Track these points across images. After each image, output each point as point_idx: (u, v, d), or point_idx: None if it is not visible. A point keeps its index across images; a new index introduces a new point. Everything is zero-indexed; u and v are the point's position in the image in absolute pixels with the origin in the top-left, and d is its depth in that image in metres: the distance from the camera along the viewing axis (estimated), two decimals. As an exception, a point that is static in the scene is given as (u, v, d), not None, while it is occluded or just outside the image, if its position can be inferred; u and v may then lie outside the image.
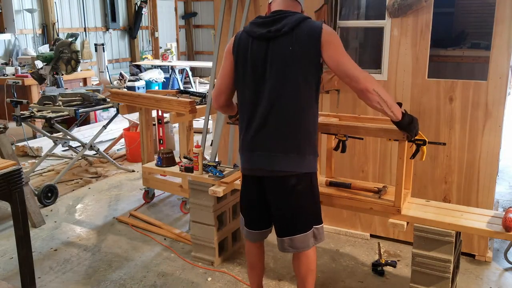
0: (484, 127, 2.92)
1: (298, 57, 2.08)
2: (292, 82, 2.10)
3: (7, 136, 3.57)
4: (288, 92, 2.10)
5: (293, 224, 2.25)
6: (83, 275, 3.02)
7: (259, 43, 2.13)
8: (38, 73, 5.04)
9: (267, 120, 2.14)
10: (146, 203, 4.18)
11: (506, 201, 4.20)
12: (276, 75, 2.11)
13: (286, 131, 2.13)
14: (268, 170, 2.18)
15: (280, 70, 2.10)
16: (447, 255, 2.29)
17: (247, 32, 2.19)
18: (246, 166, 2.29)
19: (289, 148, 2.14)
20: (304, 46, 2.07)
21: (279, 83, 2.11)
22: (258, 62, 2.14)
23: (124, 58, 10.74)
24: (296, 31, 2.07)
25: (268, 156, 2.16)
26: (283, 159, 2.14)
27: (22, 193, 2.33)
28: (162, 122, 4.48)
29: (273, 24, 2.11)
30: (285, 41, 2.08)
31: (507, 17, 2.73)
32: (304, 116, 2.14)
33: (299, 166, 2.16)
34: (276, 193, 2.24)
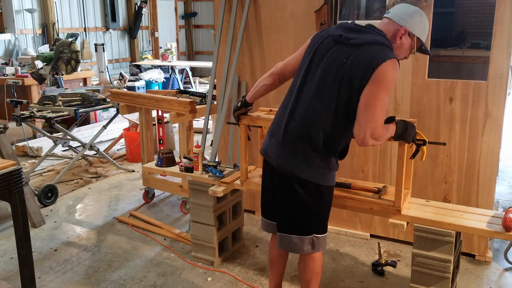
0: (484, 127, 2.92)
1: (345, 72, 2.01)
2: (329, 91, 2.05)
3: (7, 136, 3.57)
4: (322, 97, 2.07)
5: (290, 223, 2.24)
6: (83, 275, 3.02)
7: (328, 41, 2.12)
8: (38, 73, 5.04)
9: (294, 113, 2.13)
10: (146, 203, 4.18)
11: (506, 201, 4.20)
12: (321, 77, 2.08)
13: (303, 133, 2.10)
14: (277, 163, 2.19)
15: (326, 74, 2.07)
16: (447, 255, 2.29)
17: (329, 28, 2.19)
18: (263, 147, 2.30)
19: (299, 150, 2.11)
20: (356, 66, 1.99)
21: (319, 85, 2.08)
22: (317, 57, 2.12)
23: (124, 58, 10.74)
24: (361, 49, 2.00)
25: (280, 149, 2.16)
26: (292, 158, 2.13)
27: (22, 193, 2.33)
28: (162, 122, 4.48)
29: (351, 32, 2.08)
30: (345, 51, 2.03)
31: (507, 17, 2.73)
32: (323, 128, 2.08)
33: (304, 172, 2.13)
34: (281, 186, 2.23)
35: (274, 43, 3.51)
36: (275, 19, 3.47)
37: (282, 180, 2.21)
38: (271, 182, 2.31)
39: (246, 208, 3.68)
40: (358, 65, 1.98)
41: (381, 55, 1.97)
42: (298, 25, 3.37)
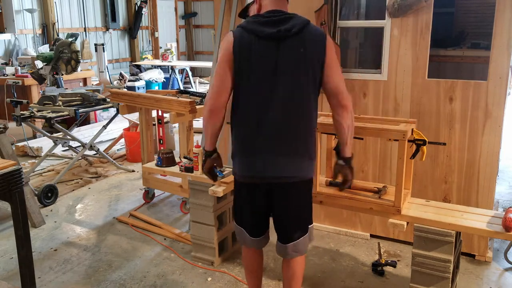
0: (484, 127, 2.92)
1: (308, 59, 2.07)
2: (303, 85, 2.08)
3: (7, 136, 3.57)
4: (300, 94, 2.09)
5: (295, 230, 2.22)
6: (83, 275, 3.02)
7: (267, 43, 2.05)
8: (38, 73, 5.04)
9: (280, 124, 2.08)
10: (146, 203, 4.18)
11: (506, 201, 4.20)
12: (289, 77, 2.07)
13: (298, 136, 2.11)
14: (275, 176, 2.11)
15: (291, 71, 2.07)
16: (447, 255, 2.29)
17: (249, 31, 2.07)
18: (246, 173, 2.17)
19: (300, 154, 2.12)
20: (313, 49, 2.07)
21: (291, 85, 2.07)
22: (267, 63, 2.06)
23: (124, 58, 10.74)
24: (304, 33, 2.07)
25: (272, 161, 2.09)
26: (293, 164, 2.11)
27: (22, 193, 2.33)
28: (162, 122, 4.48)
29: (281, 24, 2.06)
30: (295, 42, 2.06)
31: (507, 17, 2.73)
32: (312, 120, 2.15)
33: (308, 172, 2.15)
34: (281, 199, 2.19)
35: (274, 43, 3.50)
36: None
37: (282, 191, 2.16)
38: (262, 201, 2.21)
39: (246, 208, 3.68)
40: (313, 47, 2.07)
41: (318, 29, 2.16)
42: (298, 25, 3.37)
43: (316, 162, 2.22)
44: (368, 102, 3.22)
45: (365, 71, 3.28)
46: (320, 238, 3.44)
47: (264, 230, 2.34)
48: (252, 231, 2.31)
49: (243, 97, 2.13)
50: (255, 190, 2.21)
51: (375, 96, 3.19)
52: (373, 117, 2.70)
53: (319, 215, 3.55)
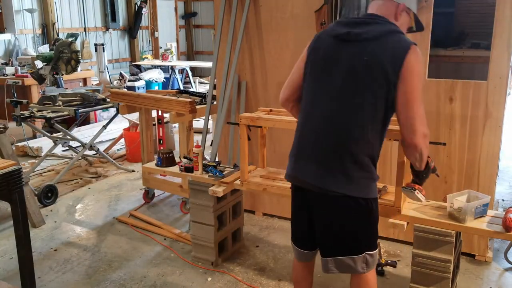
0: (484, 127, 2.92)
1: (370, 70, 1.85)
2: (357, 96, 1.88)
3: (7, 136, 3.57)
4: (350, 105, 1.89)
5: (338, 245, 2.03)
6: (83, 275, 3.02)
7: (334, 43, 1.94)
8: (38, 73, 5.04)
9: (321, 129, 1.94)
10: (146, 203, 4.18)
11: (506, 201, 4.20)
12: (343, 83, 1.90)
13: (338, 147, 1.91)
14: (313, 184, 1.96)
15: (348, 78, 1.89)
16: (447, 255, 2.29)
17: (327, 30, 2.00)
18: (290, 173, 2.08)
19: (337, 166, 1.91)
20: (381, 60, 1.84)
21: (342, 92, 1.90)
22: (327, 63, 1.95)
23: (124, 58, 10.74)
24: (379, 41, 1.86)
25: (314, 169, 1.95)
26: (329, 176, 1.92)
27: (22, 193, 2.33)
28: (162, 122, 4.48)
29: (357, 27, 1.91)
30: (362, 49, 1.87)
31: (507, 17, 2.73)
32: (358, 136, 1.90)
33: (347, 188, 1.91)
34: (320, 210, 2.02)
35: (274, 43, 3.51)
36: (275, 19, 3.47)
37: (322, 202, 1.99)
38: (305, 209, 2.09)
39: (246, 208, 3.69)
40: (384, 62, 1.84)
41: (403, 44, 1.86)
42: (298, 25, 3.37)
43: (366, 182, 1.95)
44: (368, 102, 3.21)
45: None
46: (320, 238, 3.44)
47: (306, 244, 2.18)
48: (298, 241, 2.21)
49: (304, 94, 2.06)
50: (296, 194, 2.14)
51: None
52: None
53: (319, 215, 3.55)
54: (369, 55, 1.86)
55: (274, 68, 3.55)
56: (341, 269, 2.05)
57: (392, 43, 1.87)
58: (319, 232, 2.08)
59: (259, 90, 3.65)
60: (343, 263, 2.03)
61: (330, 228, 2.02)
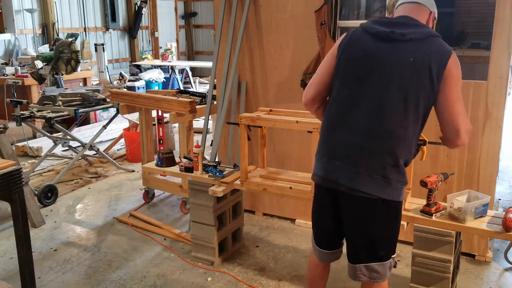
0: (484, 127, 2.92)
1: (416, 71, 1.82)
2: (400, 95, 1.83)
3: (7, 136, 3.57)
4: (393, 105, 1.84)
5: (369, 251, 1.98)
6: (83, 275, 3.02)
7: (375, 40, 1.89)
8: (38, 73, 5.04)
9: (358, 129, 1.88)
10: (146, 203, 4.18)
11: (506, 201, 4.20)
12: (385, 82, 1.85)
13: (377, 148, 1.86)
14: (346, 186, 1.90)
15: (392, 77, 1.84)
16: (447, 255, 2.29)
17: (364, 28, 1.95)
18: (320, 173, 2.00)
19: (375, 169, 1.86)
20: (425, 61, 1.82)
21: (385, 91, 1.85)
22: (367, 61, 1.89)
23: (124, 58, 10.74)
24: (424, 44, 1.85)
25: (349, 170, 1.88)
26: (366, 179, 1.86)
27: (22, 193, 2.33)
28: (162, 122, 4.48)
29: (399, 27, 1.88)
30: (407, 49, 1.84)
31: (507, 17, 2.73)
32: (401, 138, 1.86)
33: (384, 192, 1.87)
34: (353, 214, 1.96)
35: (274, 43, 3.51)
36: (275, 19, 3.47)
37: (355, 205, 1.93)
38: (331, 210, 2.04)
39: (246, 208, 3.69)
40: (429, 63, 1.82)
41: (446, 48, 1.86)
42: (298, 25, 3.37)
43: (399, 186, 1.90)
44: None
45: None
46: (320, 238, 3.44)
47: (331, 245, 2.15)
48: (322, 242, 2.16)
49: (335, 94, 1.99)
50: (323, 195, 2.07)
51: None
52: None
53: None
54: (415, 56, 1.83)
55: (274, 68, 3.55)
56: (371, 277, 2.00)
57: (437, 46, 1.86)
58: (349, 236, 2.03)
59: (259, 90, 3.65)
60: (373, 270, 1.98)
61: (363, 232, 1.97)
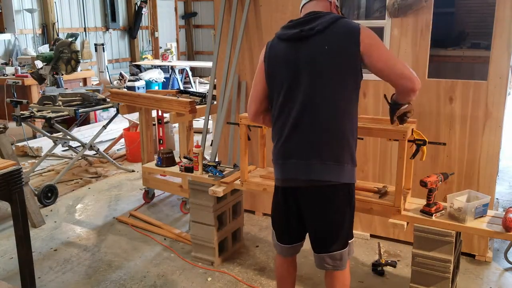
0: (484, 127, 2.92)
1: (334, 56, 1.95)
2: (327, 83, 1.96)
3: (7, 136, 3.57)
4: (323, 93, 1.96)
5: (331, 240, 2.08)
6: (83, 275, 3.02)
7: (290, 44, 2.02)
8: (38, 73, 5.04)
9: (300, 125, 2.00)
10: (146, 203, 4.18)
11: (506, 201, 4.20)
12: (310, 76, 1.97)
13: (321, 137, 1.98)
14: (304, 180, 2.01)
15: (314, 70, 1.97)
16: (447, 255, 2.29)
17: (278, 36, 2.09)
18: (279, 177, 2.12)
19: (326, 156, 1.97)
20: (341, 44, 1.94)
21: (313, 84, 1.97)
22: (290, 64, 2.01)
23: (124, 58, 10.74)
24: (331, 29, 1.95)
25: (303, 164, 2.00)
26: (320, 167, 1.97)
27: (22, 193, 2.33)
28: (162, 122, 4.48)
29: (306, 24, 2.00)
30: (319, 40, 1.95)
31: (507, 17, 2.73)
32: (341, 120, 1.98)
33: (338, 176, 1.98)
34: (312, 205, 2.07)
35: (274, 43, 3.50)
36: (275, 19, 3.46)
37: (312, 198, 2.05)
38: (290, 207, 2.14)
39: (246, 208, 3.69)
40: (341, 42, 1.94)
41: (352, 24, 1.99)
42: (298, 25, 3.37)
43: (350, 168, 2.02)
44: (368, 102, 3.22)
45: (365, 71, 3.27)
46: (320, 238, 3.44)
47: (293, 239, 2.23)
48: (282, 237, 2.25)
49: (275, 103, 2.10)
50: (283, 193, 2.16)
51: (375, 96, 3.19)
52: (374, 117, 2.69)
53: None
54: (328, 43, 1.95)
55: (274, 68, 3.54)
56: (335, 265, 2.11)
57: (343, 27, 1.97)
58: (311, 228, 2.13)
59: (259, 90, 3.64)
60: (337, 258, 2.10)
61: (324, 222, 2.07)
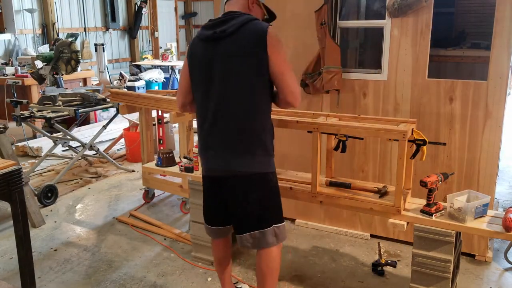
0: (484, 127, 2.92)
1: (242, 57, 2.10)
2: (237, 82, 2.13)
3: (7, 136, 3.57)
4: (233, 92, 2.14)
5: (248, 221, 2.27)
6: (83, 275, 3.02)
7: (206, 45, 2.18)
8: (38, 73, 5.04)
9: (216, 121, 2.18)
10: (146, 203, 4.18)
11: (506, 201, 4.20)
12: (222, 76, 2.14)
13: (233, 132, 2.16)
14: (221, 169, 2.23)
15: (224, 70, 2.13)
16: (447, 255, 2.29)
17: (197, 36, 2.24)
18: (203, 166, 2.36)
19: (237, 148, 2.17)
20: (249, 46, 2.09)
21: (224, 84, 2.14)
22: (205, 64, 2.18)
23: (124, 58, 10.74)
24: (241, 31, 2.10)
25: (219, 155, 2.21)
26: (233, 158, 2.19)
27: (22, 193, 2.33)
28: (162, 122, 4.48)
29: (220, 26, 2.14)
30: (229, 42, 2.11)
31: (507, 17, 2.73)
32: (251, 116, 2.16)
33: (249, 166, 2.19)
34: (229, 192, 2.27)
35: (274, 43, 3.50)
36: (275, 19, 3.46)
37: (231, 184, 2.25)
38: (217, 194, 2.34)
39: (246, 208, 3.68)
40: (249, 44, 2.09)
41: (260, 25, 2.13)
42: (298, 25, 3.37)
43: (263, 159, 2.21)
44: (368, 102, 3.22)
45: (365, 71, 3.29)
46: (320, 238, 3.44)
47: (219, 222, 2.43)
48: (209, 221, 2.46)
49: (196, 98, 2.30)
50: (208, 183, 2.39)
51: (375, 96, 3.19)
52: (374, 117, 2.70)
53: (319, 215, 3.55)
54: (235, 45, 2.11)
55: (274, 68, 3.54)
56: (254, 244, 2.29)
57: (252, 29, 2.11)
58: (231, 212, 2.32)
59: (259, 90, 3.64)
60: (255, 237, 2.27)
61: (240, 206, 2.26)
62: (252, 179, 2.22)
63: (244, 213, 2.27)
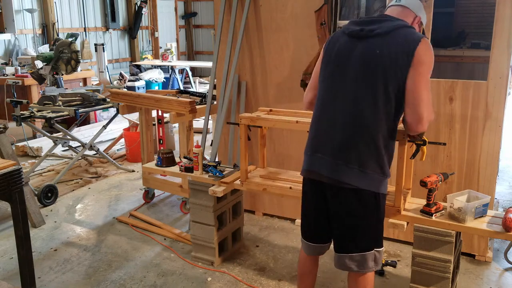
0: (484, 127, 2.92)
1: (383, 63, 1.92)
2: (370, 88, 1.94)
3: (7, 136, 3.57)
4: (364, 97, 1.95)
5: (350, 241, 2.07)
6: (83, 275, 3.02)
7: (348, 40, 2.02)
8: (38, 73, 5.04)
9: (336, 122, 2.00)
10: (146, 203, 4.18)
11: (506, 201, 4.20)
12: (356, 76, 1.97)
13: (353, 140, 1.96)
14: (328, 176, 2.01)
15: (361, 72, 1.96)
16: (447, 255, 2.29)
17: (342, 29, 2.09)
18: (305, 167, 2.12)
19: (352, 159, 1.96)
20: (393, 53, 1.91)
21: (357, 85, 1.96)
22: (341, 59, 2.02)
23: (124, 58, 10.74)
24: (391, 35, 1.93)
25: (330, 162, 2.00)
26: (345, 169, 1.96)
27: (22, 193, 2.33)
28: (162, 122, 4.48)
29: (370, 24, 1.99)
30: (374, 43, 1.95)
31: (507, 17, 2.73)
32: (376, 129, 1.96)
33: (360, 182, 1.97)
34: (335, 203, 2.06)
35: (274, 43, 3.51)
36: (275, 19, 3.47)
37: (336, 195, 2.04)
38: (318, 202, 2.14)
39: (246, 208, 3.69)
40: (396, 53, 1.91)
41: (413, 37, 1.94)
42: (298, 25, 3.37)
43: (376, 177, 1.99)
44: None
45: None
46: (320, 238, 3.44)
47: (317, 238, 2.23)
48: (307, 234, 2.26)
49: (319, 92, 2.12)
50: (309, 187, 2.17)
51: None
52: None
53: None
54: (380, 48, 1.94)
55: (274, 68, 3.55)
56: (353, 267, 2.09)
57: (404, 36, 1.94)
58: (335, 226, 2.12)
59: (259, 90, 3.65)
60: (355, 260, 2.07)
61: (343, 222, 2.07)
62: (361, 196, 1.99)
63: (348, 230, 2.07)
